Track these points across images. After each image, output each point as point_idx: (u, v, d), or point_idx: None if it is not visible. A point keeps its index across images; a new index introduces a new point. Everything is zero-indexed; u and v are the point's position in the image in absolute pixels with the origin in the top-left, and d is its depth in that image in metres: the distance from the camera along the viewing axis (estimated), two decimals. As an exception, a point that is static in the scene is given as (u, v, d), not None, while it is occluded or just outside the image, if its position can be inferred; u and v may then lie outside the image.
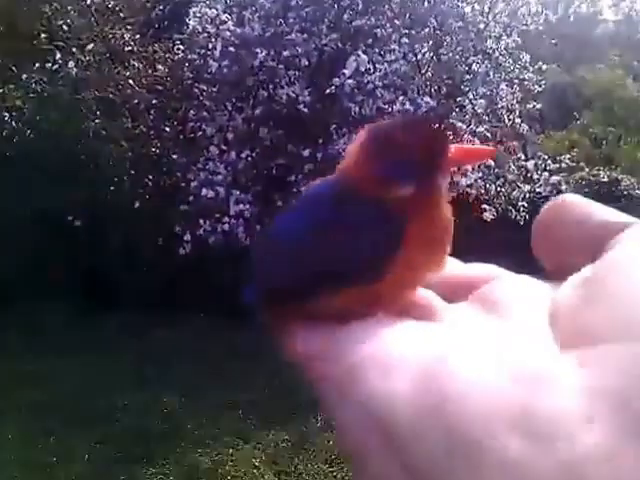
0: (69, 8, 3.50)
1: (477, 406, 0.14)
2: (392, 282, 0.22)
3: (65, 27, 3.44)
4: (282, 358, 0.22)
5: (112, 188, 3.34)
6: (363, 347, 0.18)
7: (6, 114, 3.38)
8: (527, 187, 3.20)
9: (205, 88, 3.41)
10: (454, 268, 0.24)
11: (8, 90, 3.28)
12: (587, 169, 3.79)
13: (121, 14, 3.62)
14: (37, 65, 3.36)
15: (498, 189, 3.19)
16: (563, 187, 3.24)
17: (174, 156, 3.35)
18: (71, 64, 3.29)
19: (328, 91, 3.25)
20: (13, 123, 3.41)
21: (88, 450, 2.18)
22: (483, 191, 3.13)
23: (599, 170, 3.81)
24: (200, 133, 3.34)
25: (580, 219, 0.20)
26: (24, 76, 3.35)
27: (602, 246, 0.18)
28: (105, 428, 2.32)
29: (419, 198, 0.22)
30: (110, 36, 3.44)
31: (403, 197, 0.22)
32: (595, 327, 0.15)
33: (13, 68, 3.41)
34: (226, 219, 3.20)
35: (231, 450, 2.20)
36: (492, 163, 3.12)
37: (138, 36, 3.51)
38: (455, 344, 0.17)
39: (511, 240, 2.33)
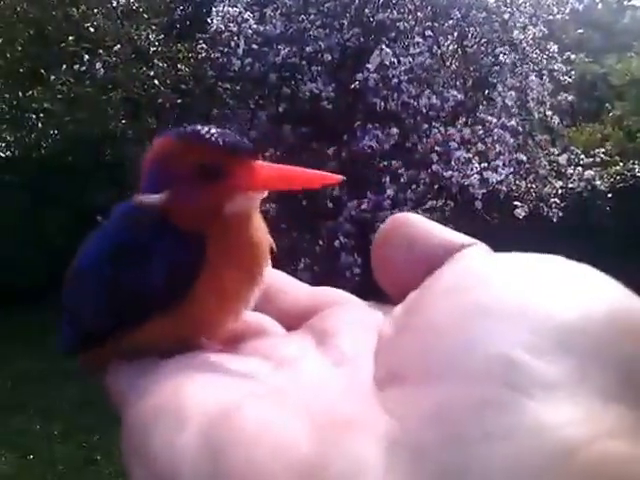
0: (95, 11, 3.55)
1: (261, 466, 0.12)
2: (199, 307, 0.21)
3: (92, 29, 3.49)
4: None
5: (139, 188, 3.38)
6: (155, 392, 0.16)
7: (33, 115, 3.45)
8: (559, 183, 3.10)
9: (228, 86, 3.42)
10: (298, 293, 0.23)
11: (37, 92, 3.34)
12: (622, 163, 3.65)
13: (145, 15, 3.65)
14: (65, 67, 3.41)
15: (529, 185, 3.10)
16: (597, 182, 3.13)
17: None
18: (98, 65, 3.34)
19: (352, 86, 3.22)
20: (40, 124, 3.47)
21: None
22: (514, 187, 3.05)
23: (634, 164, 3.66)
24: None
25: (416, 240, 0.18)
26: (52, 78, 3.40)
27: (431, 269, 0.17)
28: None
29: (211, 216, 0.22)
30: (135, 37, 3.48)
31: (191, 215, 0.22)
32: (404, 364, 0.14)
33: (42, 70, 3.47)
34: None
35: None
36: (524, 158, 3.04)
37: (162, 36, 3.54)
38: (258, 389, 0.16)
39: (543, 237, 2.27)
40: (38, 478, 2.02)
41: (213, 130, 0.23)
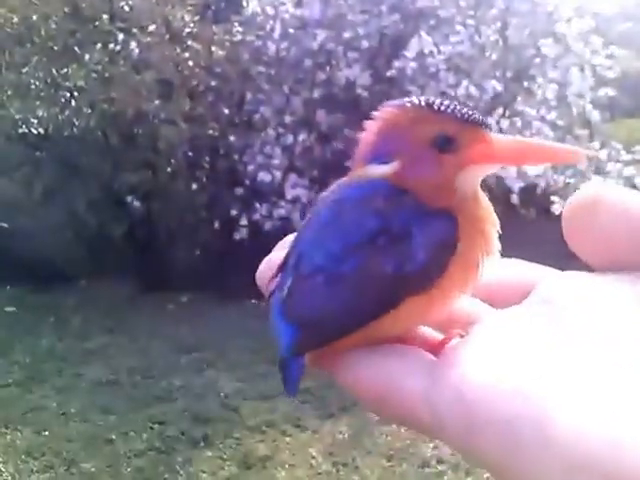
0: (130, -11, 3.51)
1: None
2: (451, 282, 0.21)
3: (127, 9, 3.46)
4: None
5: (169, 170, 3.36)
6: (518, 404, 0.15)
7: (67, 93, 3.43)
8: (598, 178, 3.03)
9: (263, 70, 3.39)
10: (490, 269, 0.23)
11: (72, 70, 3.33)
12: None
13: (180, -4, 3.61)
14: (99, 46, 3.39)
15: (567, 180, 3.04)
16: (637, 180, 3.06)
17: (231, 138, 3.34)
18: (133, 45, 3.31)
19: (389, 74, 3.17)
20: (73, 102, 3.45)
21: (147, 429, 2.20)
22: (552, 182, 2.99)
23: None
24: (257, 116, 3.32)
25: (623, 213, 0.18)
26: (87, 57, 3.38)
27: None
28: (163, 408, 2.34)
29: (448, 188, 0.21)
30: (170, 18, 3.44)
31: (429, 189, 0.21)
32: None
33: (76, 48, 3.45)
34: (282, 203, 3.17)
35: (288, 438, 2.16)
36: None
37: (197, 18, 3.51)
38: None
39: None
40: (53, 454, 2.04)
41: (447, 101, 0.22)
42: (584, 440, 0.14)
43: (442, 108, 0.22)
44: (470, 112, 0.22)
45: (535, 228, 2.96)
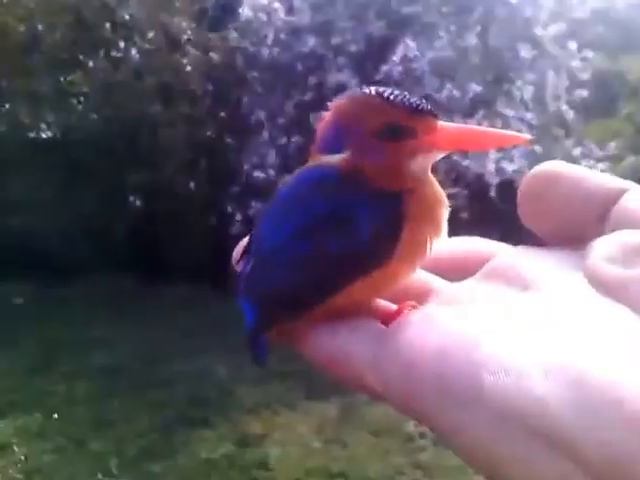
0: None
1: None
2: (401, 262, 0.22)
3: (127, 17, 3.61)
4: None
5: (170, 170, 3.52)
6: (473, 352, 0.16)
7: (74, 100, 3.59)
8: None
9: (257, 75, 3.54)
10: (442, 245, 0.23)
11: (77, 78, 3.49)
12: (633, 157, 3.74)
13: (178, 4, 3.77)
14: (102, 53, 3.54)
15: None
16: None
17: (228, 140, 3.50)
18: (133, 52, 3.47)
19: (377, 77, 3.33)
20: (80, 107, 3.60)
21: (149, 412, 2.29)
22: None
23: (646, 158, 3.74)
24: (252, 118, 3.48)
25: (577, 186, 0.19)
26: (90, 64, 3.54)
27: (605, 211, 0.18)
28: (164, 392, 2.44)
29: (398, 174, 0.22)
30: (169, 25, 3.60)
31: (379, 172, 0.22)
32: None
33: (80, 57, 3.60)
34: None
35: (280, 418, 2.26)
36: (538, 150, 3.15)
37: (194, 25, 3.66)
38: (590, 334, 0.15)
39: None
40: (62, 436, 2.10)
41: (396, 92, 0.23)
42: (512, 395, 0.14)
43: (391, 98, 0.22)
44: (419, 101, 0.22)
45: (512, 221, 3.09)
